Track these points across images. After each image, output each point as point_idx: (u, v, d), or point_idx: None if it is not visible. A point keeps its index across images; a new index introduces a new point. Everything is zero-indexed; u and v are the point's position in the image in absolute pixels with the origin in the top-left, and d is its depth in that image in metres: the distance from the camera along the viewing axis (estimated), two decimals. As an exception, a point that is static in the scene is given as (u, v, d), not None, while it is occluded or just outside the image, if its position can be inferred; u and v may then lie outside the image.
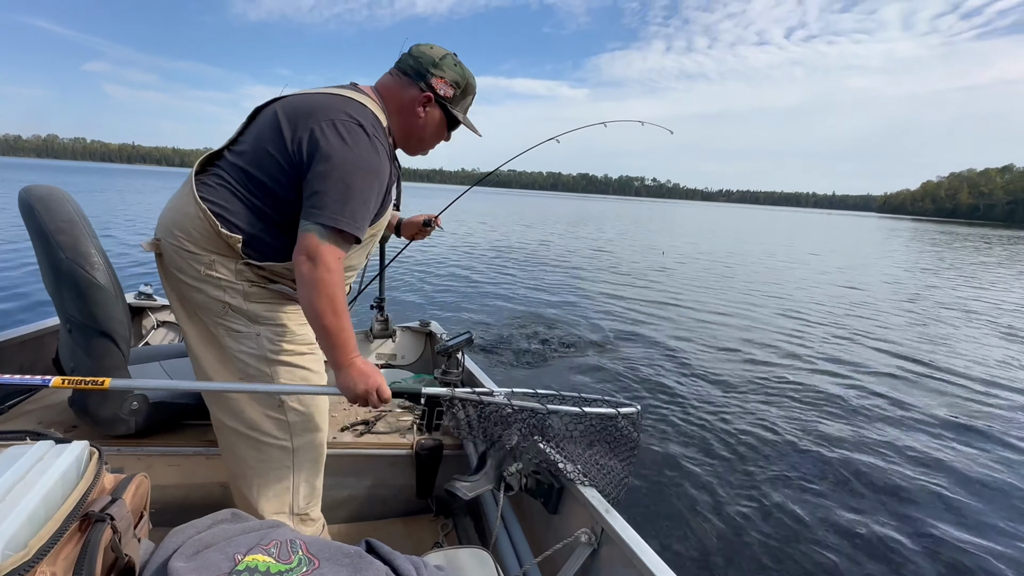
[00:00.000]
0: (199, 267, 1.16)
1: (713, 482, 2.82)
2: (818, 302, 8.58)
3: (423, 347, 2.74)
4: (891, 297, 9.60)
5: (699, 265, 13.02)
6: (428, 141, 1.37)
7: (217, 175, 1.19)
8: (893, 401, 4.26)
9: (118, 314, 1.33)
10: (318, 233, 1.07)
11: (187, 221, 1.15)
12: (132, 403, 1.42)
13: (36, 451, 0.72)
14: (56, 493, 0.67)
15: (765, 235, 28.94)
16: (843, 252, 19.81)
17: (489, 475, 1.37)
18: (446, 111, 1.31)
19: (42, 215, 1.26)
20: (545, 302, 7.28)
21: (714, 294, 8.94)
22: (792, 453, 3.22)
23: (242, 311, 1.19)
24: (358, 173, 1.11)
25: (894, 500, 2.80)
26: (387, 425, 1.83)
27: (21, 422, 1.54)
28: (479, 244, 14.16)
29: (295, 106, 1.18)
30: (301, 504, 1.32)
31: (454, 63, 1.30)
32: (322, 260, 1.07)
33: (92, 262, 1.28)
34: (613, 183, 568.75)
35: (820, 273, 12.81)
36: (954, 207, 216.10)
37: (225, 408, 1.24)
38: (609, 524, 1.18)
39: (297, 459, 1.29)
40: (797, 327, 6.67)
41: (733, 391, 4.25)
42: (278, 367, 1.24)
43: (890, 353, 5.66)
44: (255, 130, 1.20)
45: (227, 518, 0.83)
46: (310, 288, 1.07)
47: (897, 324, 7.28)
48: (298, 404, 1.27)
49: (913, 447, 3.41)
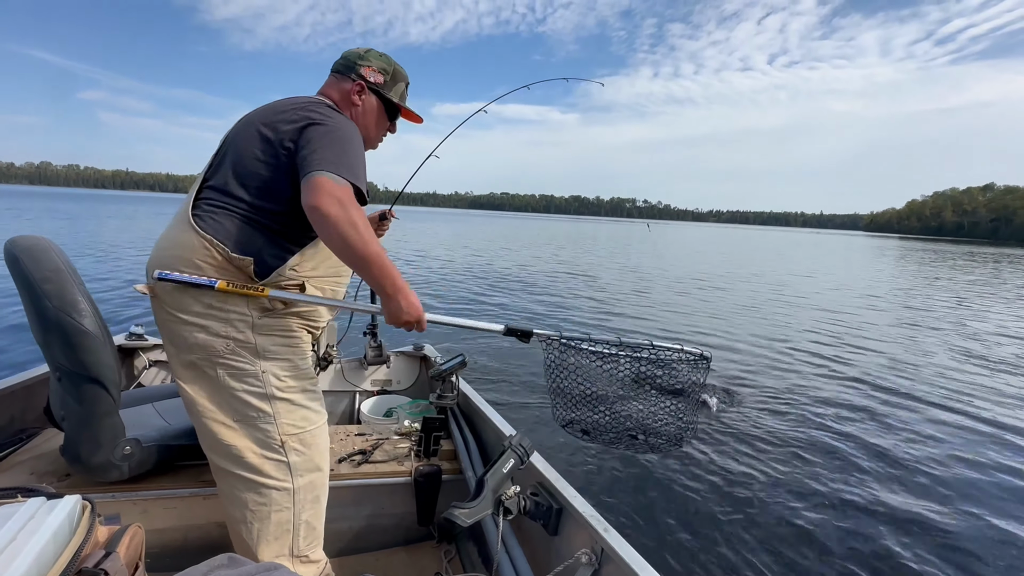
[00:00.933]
0: (207, 300, 1.15)
1: (713, 499, 2.80)
2: (829, 323, 8.21)
3: (418, 371, 2.73)
4: (912, 320, 9.07)
5: (695, 285, 12.94)
6: (373, 130, 1.46)
7: (208, 204, 1.20)
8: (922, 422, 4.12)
9: (107, 359, 1.33)
10: (328, 177, 1.07)
11: (192, 255, 1.15)
12: (124, 448, 1.41)
13: (27, 509, 0.72)
14: (48, 551, 0.67)
15: (759, 255, 28.17)
16: (845, 272, 19.06)
17: (487, 499, 1.36)
18: (381, 97, 1.42)
19: (28, 265, 1.27)
20: (535, 318, 7.30)
21: (715, 313, 8.97)
22: (800, 473, 3.19)
23: (247, 346, 1.19)
24: (347, 135, 1.19)
25: (909, 528, 2.67)
26: (384, 453, 1.82)
27: (14, 473, 1.52)
28: (464, 265, 14.22)
29: (267, 113, 1.24)
30: (301, 546, 1.30)
31: (379, 55, 1.43)
32: (343, 197, 1.05)
33: (79, 309, 1.28)
34: (605, 204, 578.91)
35: (818, 292, 12.40)
36: (939, 225, 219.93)
37: (224, 453, 1.22)
38: (609, 544, 1.18)
39: (298, 500, 1.27)
40: (807, 347, 6.54)
41: (740, 409, 4.23)
42: (280, 404, 1.23)
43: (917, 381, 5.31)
44: (233, 149, 1.23)
45: (224, 563, 0.83)
46: (342, 224, 1.03)
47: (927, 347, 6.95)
48: (299, 444, 1.26)
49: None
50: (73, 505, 0.76)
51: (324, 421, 1.34)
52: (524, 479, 1.52)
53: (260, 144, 1.20)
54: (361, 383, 2.62)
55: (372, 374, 2.65)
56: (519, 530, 1.56)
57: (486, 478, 1.32)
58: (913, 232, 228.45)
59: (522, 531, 1.56)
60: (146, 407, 1.74)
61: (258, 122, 1.23)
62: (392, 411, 2.35)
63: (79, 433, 1.36)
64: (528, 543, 1.53)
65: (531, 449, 1.45)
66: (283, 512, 1.25)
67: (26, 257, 1.28)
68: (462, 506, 1.27)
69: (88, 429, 1.35)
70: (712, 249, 32.06)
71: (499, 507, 1.33)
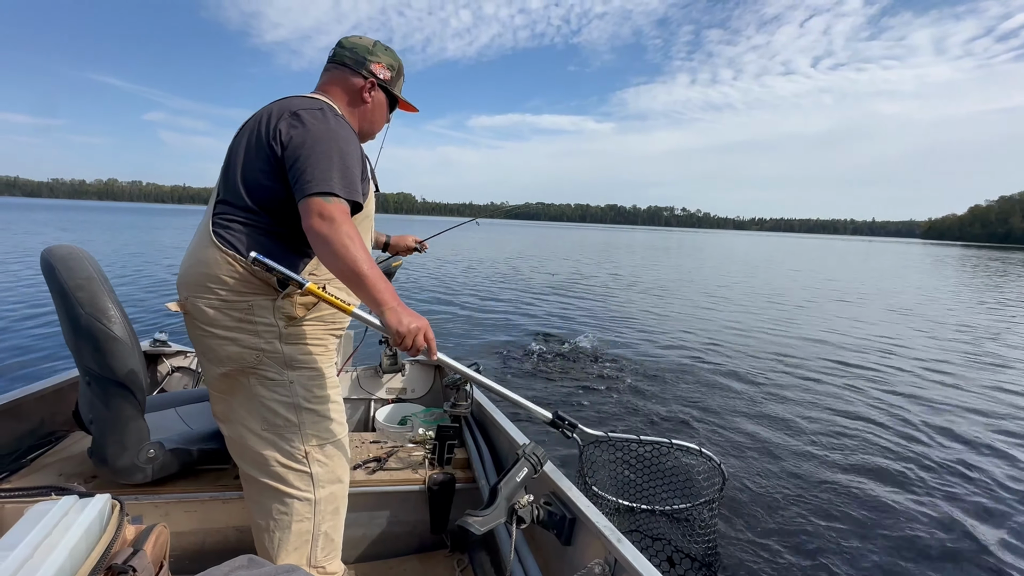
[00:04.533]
0: (236, 314, 1.18)
1: (728, 510, 2.76)
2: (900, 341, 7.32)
3: (432, 380, 2.75)
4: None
5: (741, 293, 12.35)
6: (378, 125, 1.48)
7: (224, 217, 1.22)
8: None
9: (135, 365, 1.37)
10: (319, 198, 1.09)
11: (217, 271, 1.18)
12: (149, 451, 1.46)
13: (61, 507, 0.75)
14: (81, 547, 0.70)
15: (813, 264, 26.50)
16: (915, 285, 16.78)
17: (501, 508, 1.37)
18: (387, 93, 1.43)
19: (62, 273, 1.32)
20: (547, 329, 7.29)
21: (760, 324, 8.71)
22: (837, 482, 3.12)
23: (276, 356, 1.22)
24: (334, 142, 1.17)
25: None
26: (399, 461, 1.84)
27: (44, 474, 1.58)
28: (482, 274, 14.25)
29: (256, 119, 1.24)
30: (319, 557, 1.32)
31: (384, 48, 1.42)
32: (334, 216, 1.08)
33: (109, 316, 1.33)
34: (642, 213, 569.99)
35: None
36: (1007, 231, 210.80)
37: (252, 461, 1.26)
38: (622, 554, 1.17)
39: (319, 512, 1.30)
40: (857, 362, 6.09)
41: (777, 423, 4.09)
42: (306, 415, 1.26)
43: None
44: (236, 160, 1.23)
45: (244, 564, 0.85)
46: (334, 244, 1.07)
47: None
48: (322, 456, 1.29)
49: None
50: (104, 504, 0.79)
51: (346, 433, 1.38)
52: (537, 488, 1.52)
53: (257, 153, 1.20)
54: (376, 391, 2.65)
55: (387, 382, 2.68)
56: (532, 540, 1.55)
57: (499, 486, 1.32)
58: (977, 239, 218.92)
59: (535, 541, 1.56)
60: (168, 412, 1.79)
61: (254, 130, 1.22)
62: (406, 419, 2.37)
63: (106, 436, 1.40)
64: (541, 553, 1.52)
65: (544, 458, 1.45)
66: (304, 523, 1.27)
67: (61, 266, 1.33)
68: (476, 514, 1.28)
69: (115, 432, 1.40)
70: (769, 258, 30.69)
71: (512, 516, 1.34)
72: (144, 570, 0.74)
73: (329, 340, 1.33)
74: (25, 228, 24.24)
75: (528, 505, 1.35)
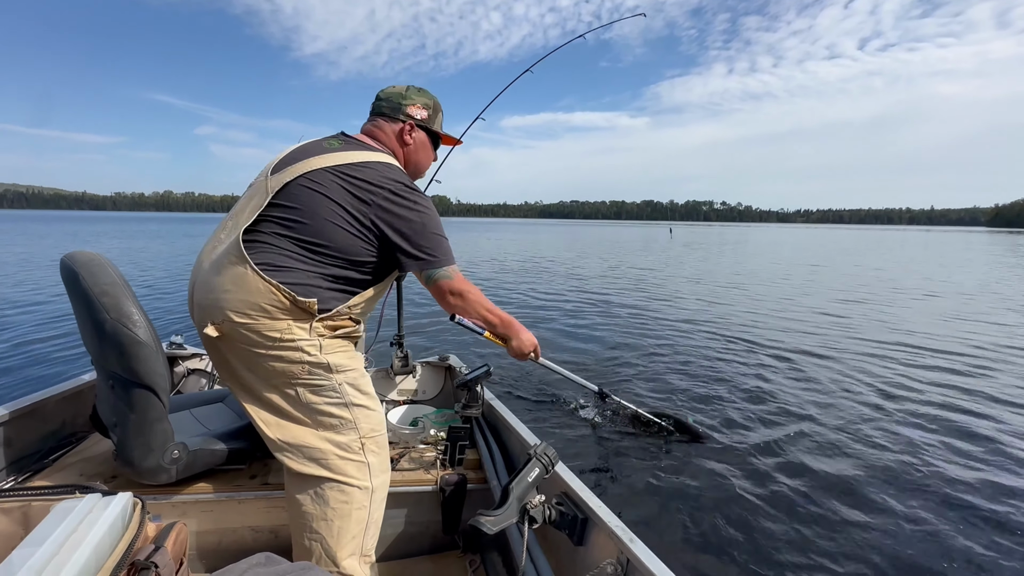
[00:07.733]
0: (275, 335, 1.23)
1: (741, 508, 2.73)
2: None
3: (443, 381, 2.77)
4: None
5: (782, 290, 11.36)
6: (424, 163, 1.58)
7: (267, 245, 1.24)
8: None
9: (159, 367, 1.40)
10: (444, 275, 1.37)
11: (258, 298, 1.21)
12: (173, 452, 1.48)
13: (85, 504, 0.78)
14: (105, 544, 0.72)
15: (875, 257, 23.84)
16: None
17: (513, 508, 1.38)
18: (427, 131, 1.53)
19: (86, 279, 1.35)
20: (560, 327, 7.27)
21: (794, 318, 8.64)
22: (859, 485, 3.02)
23: (320, 364, 1.28)
24: (433, 222, 1.37)
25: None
26: (411, 462, 1.86)
27: (65, 474, 1.61)
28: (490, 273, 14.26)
29: (348, 181, 1.29)
30: (368, 545, 1.37)
31: (418, 90, 1.53)
32: (463, 288, 1.40)
33: (134, 320, 1.35)
34: (680, 208, 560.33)
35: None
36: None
37: (307, 457, 1.30)
38: (635, 554, 1.17)
39: (374, 500, 1.36)
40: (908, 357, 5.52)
41: (801, 419, 3.94)
42: (358, 411, 1.34)
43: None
44: (307, 202, 1.26)
45: (261, 562, 0.87)
46: (470, 312, 1.45)
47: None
48: (375, 447, 1.37)
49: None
50: (126, 501, 0.81)
51: (386, 426, 1.46)
52: (549, 489, 1.52)
53: (339, 209, 1.27)
54: (388, 393, 2.67)
55: (399, 384, 2.70)
56: (544, 540, 1.56)
57: (511, 486, 1.33)
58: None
59: (547, 541, 1.56)
60: (185, 413, 1.82)
61: (340, 188, 1.27)
62: (418, 420, 2.39)
63: (132, 438, 1.43)
64: (553, 553, 1.53)
65: (556, 458, 1.46)
66: (362, 511, 1.34)
67: (84, 272, 1.37)
68: (488, 514, 1.28)
69: (141, 434, 1.43)
70: (824, 251, 28.41)
71: (524, 516, 1.34)
72: (165, 566, 0.76)
73: (357, 343, 1.42)
74: (85, 238, 25.81)
75: (540, 505, 1.35)
